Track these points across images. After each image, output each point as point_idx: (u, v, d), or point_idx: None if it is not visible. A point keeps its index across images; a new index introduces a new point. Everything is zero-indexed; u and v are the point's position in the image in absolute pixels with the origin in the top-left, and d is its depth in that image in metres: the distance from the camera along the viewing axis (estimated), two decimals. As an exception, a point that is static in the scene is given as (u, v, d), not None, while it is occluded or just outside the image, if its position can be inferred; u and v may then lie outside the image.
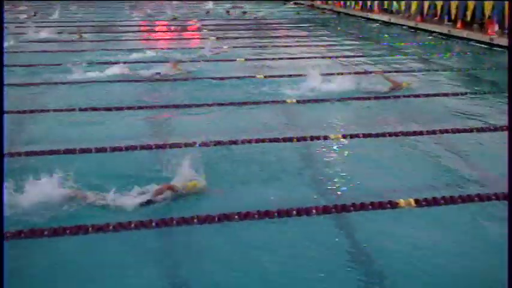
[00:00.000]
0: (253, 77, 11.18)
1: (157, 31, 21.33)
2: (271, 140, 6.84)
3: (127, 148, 6.48)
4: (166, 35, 20.25)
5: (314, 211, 4.88)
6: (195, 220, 4.65)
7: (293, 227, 4.69)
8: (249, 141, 6.77)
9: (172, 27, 21.92)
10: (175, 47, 15.47)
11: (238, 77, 11.09)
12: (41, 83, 10.26)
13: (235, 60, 13.10)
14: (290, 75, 11.20)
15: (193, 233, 4.55)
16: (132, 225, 4.58)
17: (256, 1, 36.77)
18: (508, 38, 9.94)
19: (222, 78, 10.95)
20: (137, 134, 7.17)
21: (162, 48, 15.24)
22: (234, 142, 6.74)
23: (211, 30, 20.39)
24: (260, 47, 15.94)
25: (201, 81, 10.68)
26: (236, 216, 4.73)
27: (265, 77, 11.23)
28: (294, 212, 4.83)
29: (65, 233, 4.48)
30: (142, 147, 6.53)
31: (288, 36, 19.11)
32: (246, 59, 13.27)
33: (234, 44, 16.26)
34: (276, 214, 4.80)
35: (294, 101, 9.06)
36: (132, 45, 15.67)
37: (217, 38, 17.68)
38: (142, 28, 21.63)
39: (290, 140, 6.93)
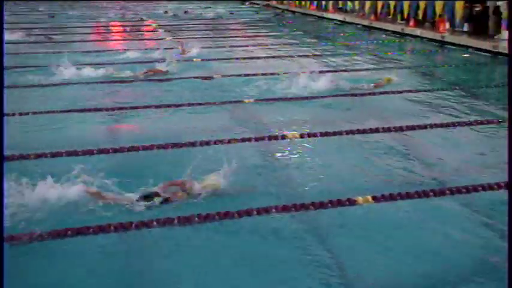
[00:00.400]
0: (211, 77, 11.12)
1: (110, 32, 20.97)
2: (229, 141, 6.80)
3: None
4: (119, 35, 19.93)
5: (274, 210, 4.87)
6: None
7: (258, 226, 4.67)
8: (207, 143, 6.71)
9: (128, 28, 21.58)
10: (130, 48, 15.24)
11: (195, 77, 11.00)
12: None
13: (192, 60, 12.99)
14: (247, 75, 11.19)
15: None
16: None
17: (213, 0, 36.63)
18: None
19: (177, 79, 10.85)
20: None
21: (112, 50, 15.01)
22: (193, 144, 6.66)
23: (169, 30, 20.21)
24: (217, 47, 15.85)
25: (157, 83, 10.55)
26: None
27: (222, 76, 11.19)
28: (255, 212, 4.81)
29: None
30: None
31: (245, 36, 19.11)
32: (202, 59, 13.17)
33: (191, 43, 16.12)
34: (236, 214, 4.78)
35: (252, 100, 9.05)
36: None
37: (175, 39, 17.54)
38: (88, 29, 21.24)
39: (248, 140, 6.90)
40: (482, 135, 7.36)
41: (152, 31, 20.72)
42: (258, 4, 36.89)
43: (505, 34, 15.69)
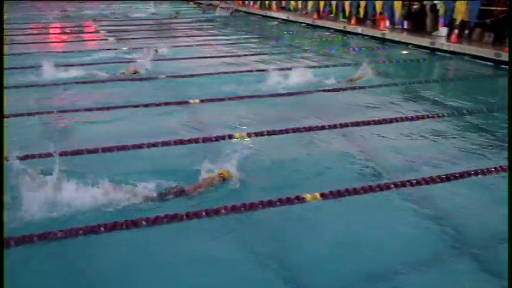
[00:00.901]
0: (156, 78, 11.00)
1: (49, 33, 20.38)
2: (176, 142, 6.73)
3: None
4: (60, 36, 19.41)
5: (223, 211, 4.86)
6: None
7: (199, 228, 4.65)
8: (154, 145, 6.63)
9: (67, 29, 21.03)
10: (72, 49, 14.85)
11: (140, 79, 10.84)
12: None
13: (136, 61, 12.78)
14: (192, 75, 11.13)
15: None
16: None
17: (158, 0, 36.18)
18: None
19: (121, 80, 10.66)
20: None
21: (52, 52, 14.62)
22: (139, 146, 6.56)
23: (111, 32, 19.83)
24: (162, 48, 15.62)
25: (102, 84, 10.34)
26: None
27: (167, 76, 11.07)
28: (203, 213, 4.80)
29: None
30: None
31: (189, 36, 18.98)
32: (153, 60, 12.95)
33: (134, 44, 15.86)
34: (184, 216, 4.75)
35: (197, 101, 9.00)
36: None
37: (116, 39, 17.24)
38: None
39: (196, 141, 6.86)
40: (423, 130, 7.57)
41: (95, 32, 20.30)
42: (202, 3, 36.72)
43: (441, 31, 16.24)
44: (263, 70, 11.59)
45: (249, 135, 7.12)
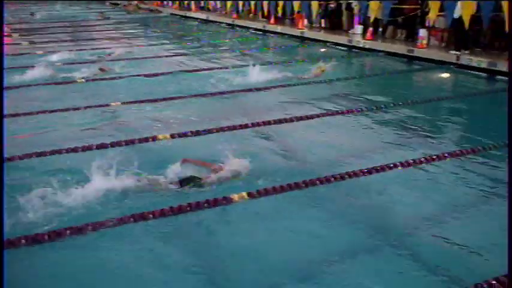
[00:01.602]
0: (74, 81, 10.66)
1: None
2: (98, 147, 6.55)
3: None
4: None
5: (151, 216, 4.78)
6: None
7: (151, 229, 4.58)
8: (74, 150, 6.42)
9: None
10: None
11: (56, 83, 10.47)
12: None
13: (53, 64, 12.33)
14: (114, 78, 10.88)
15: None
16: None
17: (73, 1, 35.07)
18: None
19: (37, 85, 10.26)
20: None
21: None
22: (58, 151, 6.34)
23: (24, 35, 19.03)
24: (80, 50, 15.16)
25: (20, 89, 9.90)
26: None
27: (86, 81, 10.77)
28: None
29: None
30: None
31: (109, 38, 18.54)
32: (64, 63, 12.55)
33: (50, 47, 15.30)
34: (117, 221, 4.63)
35: (119, 103, 8.81)
36: None
37: (30, 42, 16.57)
38: None
39: (118, 144, 6.71)
40: (343, 125, 7.79)
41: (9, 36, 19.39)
42: (118, 4, 35.97)
43: (357, 29, 16.79)
44: (187, 71, 11.55)
45: (172, 136, 7.04)
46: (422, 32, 13.89)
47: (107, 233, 4.49)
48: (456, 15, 12.80)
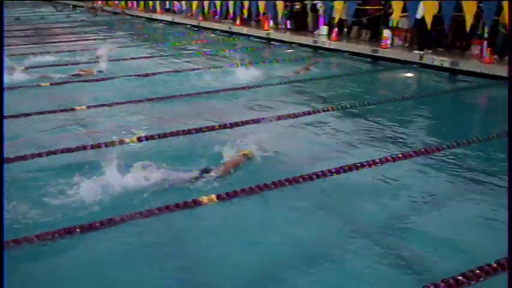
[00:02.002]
0: (38, 85, 10.46)
1: None
2: (62, 151, 6.43)
3: None
4: None
5: (105, 222, 4.71)
6: None
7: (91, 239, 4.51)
8: (39, 155, 6.30)
9: None
10: None
11: (19, 87, 10.24)
12: None
13: (15, 69, 12.04)
14: (79, 81, 10.72)
15: None
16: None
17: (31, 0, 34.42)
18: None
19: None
20: None
21: None
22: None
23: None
24: (43, 53, 14.84)
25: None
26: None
27: (51, 84, 10.57)
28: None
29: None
30: None
31: (72, 41, 18.24)
32: (27, 67, 12.27)
33: (10, 52, 14.95)
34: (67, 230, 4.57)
35: (84, 107, 8.68)
36: None
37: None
38: None
39: (84, 148, 6.60)
40: (309, 126, 7.82)
41: None
42: (82, 7, 35.47)
43: (322, 29, 16.93)
44: (154, 74, 11.48)
45: (139, 139, 6.97)
46: (386, 33, 14.10)
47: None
48: (419, 15, 13.05)
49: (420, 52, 12.90)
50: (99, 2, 34.62)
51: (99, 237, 4.50)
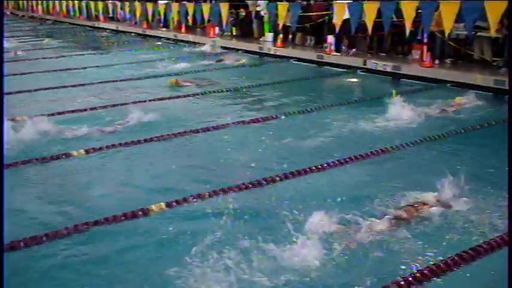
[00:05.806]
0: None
1: None
2: (10, 165, 6.23)
3: None
4: None
5: (65, 231, 4.63)
6: None
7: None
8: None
9: None
10: None
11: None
12: None
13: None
14: (19, 92, 10.43)
15: None
16: None
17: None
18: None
19: None
20: None
21: None
22: None
23: None
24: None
25: None
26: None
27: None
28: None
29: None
30: None
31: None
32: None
33: None
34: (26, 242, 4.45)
35: (26, 118, 8.43)
36: None
37: None
38: None
39: (30, 161, 6.44)
40: (252, 133, 7.86)
41: None
42: (18, 15, 34.54)
43: (268, 36, 17.10)
44: (100, 82, 11.33)
45: (87, 151, 6.85)
46: (330, 38, 14.36)
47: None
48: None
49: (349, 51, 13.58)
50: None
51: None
